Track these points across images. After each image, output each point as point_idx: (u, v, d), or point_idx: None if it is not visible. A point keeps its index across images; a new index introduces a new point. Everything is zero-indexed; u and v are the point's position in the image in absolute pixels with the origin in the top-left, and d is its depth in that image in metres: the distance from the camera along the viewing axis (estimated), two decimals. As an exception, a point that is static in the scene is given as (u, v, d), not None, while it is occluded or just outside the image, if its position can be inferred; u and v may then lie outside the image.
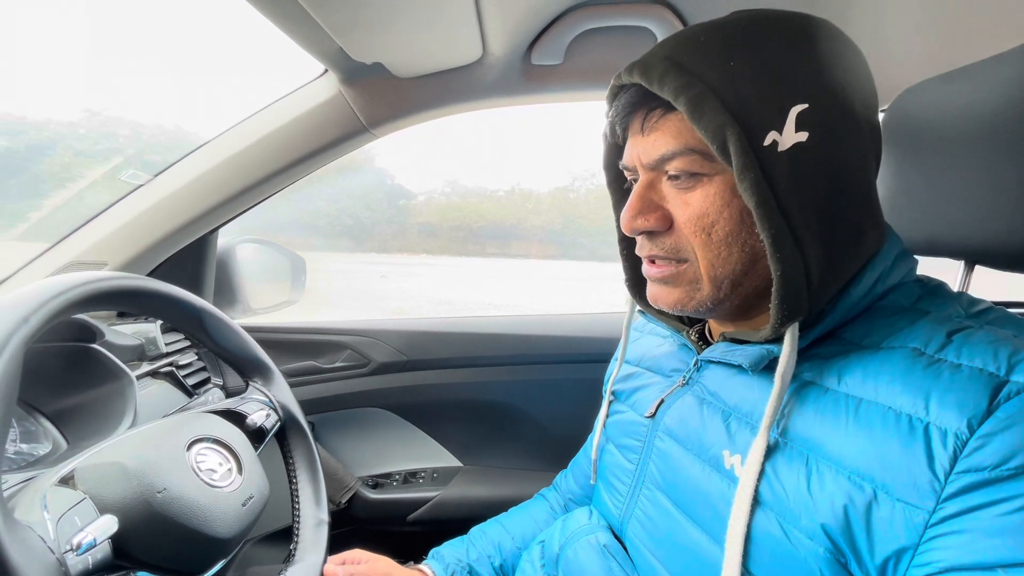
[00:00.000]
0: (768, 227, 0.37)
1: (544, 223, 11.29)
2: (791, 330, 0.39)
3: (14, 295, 0.41)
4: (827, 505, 0.35)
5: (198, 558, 0.48)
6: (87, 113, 5.55)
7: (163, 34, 25.37)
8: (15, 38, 12.42)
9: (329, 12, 0.58)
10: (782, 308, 0.38)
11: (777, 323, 0.39)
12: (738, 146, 0.36)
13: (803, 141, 0.37)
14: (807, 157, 0.37)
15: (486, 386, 1.10)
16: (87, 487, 0.42)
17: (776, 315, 0.38)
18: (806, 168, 0.37)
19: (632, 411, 0.58)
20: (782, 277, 0.37)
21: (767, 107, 0.37)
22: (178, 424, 0.53)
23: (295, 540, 0.62)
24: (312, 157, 0.83)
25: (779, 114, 0.37)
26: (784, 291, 0.38)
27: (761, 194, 0.36)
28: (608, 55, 0.76)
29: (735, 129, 0.36)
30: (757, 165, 0.36)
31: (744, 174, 0.36)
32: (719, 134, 0.37)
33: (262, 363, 0.68)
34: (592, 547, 0.53)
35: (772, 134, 0.36)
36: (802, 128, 0.37)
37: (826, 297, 0.39)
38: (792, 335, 0.39)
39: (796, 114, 0.37)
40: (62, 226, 0.86)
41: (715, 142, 0.37)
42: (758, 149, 0.36)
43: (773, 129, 0.36)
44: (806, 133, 0.37)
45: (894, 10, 0.65)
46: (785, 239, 0.37)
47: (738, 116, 0.37)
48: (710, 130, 0.37)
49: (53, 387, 0.67)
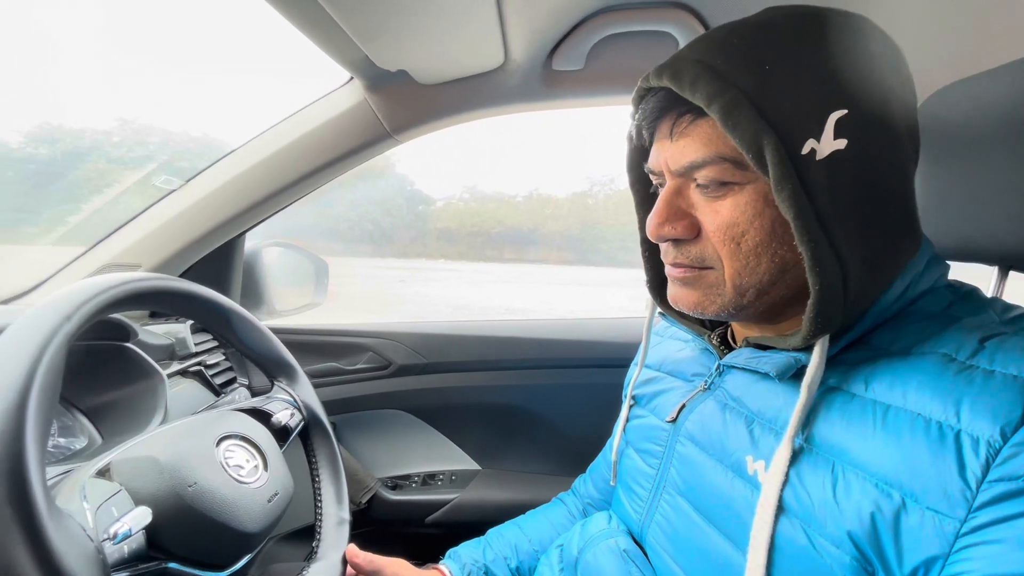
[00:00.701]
0: (808, 240, 0.35)
1: (562, 228, 11.27)
2: (822, 340, 0.38)
3: (57, 294, 0.43)
4: (853, 512, 0.34)
5: (225, 552, 0.49)
6: (120, 121, 5.76)
7: (192, 44, 26.18)
8: (53, 49, 12.96)
9: (357, 21, 0.60)
10: (817, 322, 0.37)
11: (809, 335, 0.38)
12: (775, 156, 0.35)
13: (841, 149, 0.35)
14: (846, 165, 0.35)
15: (505, 389, 1.10)
16: (123, 479, 0.44)
17: (809, 327, 0.37)
18: (845, 177, 0.36)
19: (653, 415, 0.57)
20: (821, 291, 0.36)
21: (805, 114, 0.35)
22: (208, 421, 0.55)
23: (317, 538, 0.63)
24: (337, 163, 0.85)
25: (817, 121, 0.35)
26: (821, 306, 0.36)
27: (800, 206, 0.35)
28: (629, 60, 0.76)
29: (772, 138, 0.35)
30: (795, 175, 0.35)
31: (782, 185, 0.35)
32: (755, 143, 0.35)
33: (287, 364, 0.69)
34: (612, 551, 0.53)
35: (810, 142, 0.35)
36: (841, 135, 0.35)
37: (861, 309, 0.38)
38: (822, 345, 0.38)
39: (835, 121, 0.35)
40: (98, 230, 0.90)
41: (750, 151, 0.35)
42: (795, 158, 0.35)
43: (811, 137, 0.35)
44: (845, 140, 0.35)
45: (924, 10, 0.64)
46: (826, 252, 0.35)
47: (774, 124, 0.35)
48: (745, 139, 0.35)
49: (89, 384, 0.69)
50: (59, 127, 7.32)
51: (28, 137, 5.68)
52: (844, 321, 0.38)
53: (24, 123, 5.67)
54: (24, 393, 0.36)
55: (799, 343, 0.39)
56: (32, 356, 0.37)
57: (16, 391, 0.35)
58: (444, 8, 0.59)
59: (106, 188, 1.03)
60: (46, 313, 0.40)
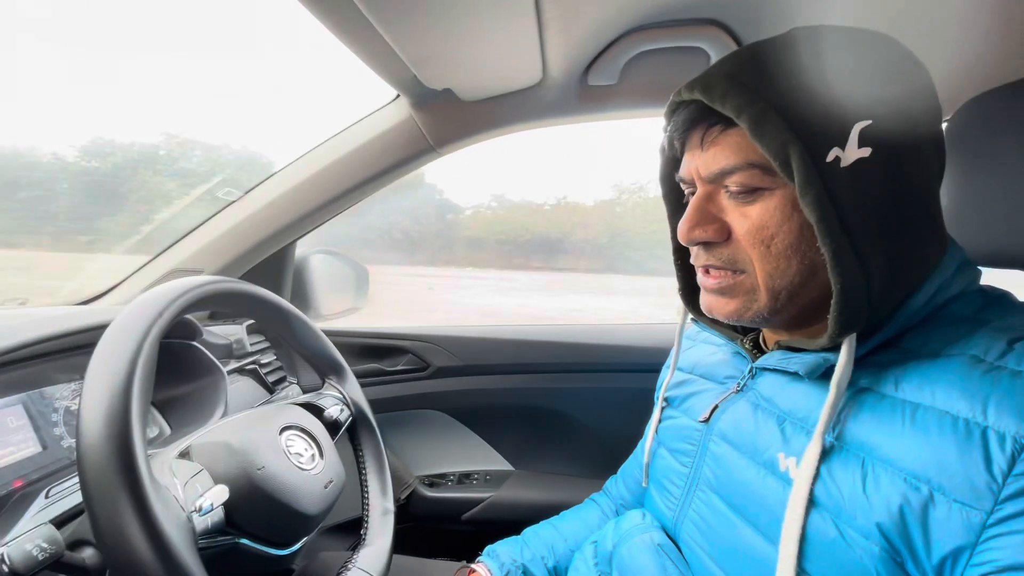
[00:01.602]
0: (829, 242, 0.37)
1: (590, 236, 11.22)
2: (848, 340, 0.40)
3: (149, 294, 0.48)
4: (883, 505, 0.36)
5: (288, 531, 0.54)
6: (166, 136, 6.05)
7: (235, 61, 27.20)
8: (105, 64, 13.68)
9: (407, 44, 0.64)
10: (840, 320, 0.39)
11: (835, 334, 0.39)
12: (800, 163, 0.37)
13: (866, 157, 0.37)
14: (870, 173, 0.37)
15: (538, 392, 1.12)
16: (203, 460, 0.49)
17: (834, 327, 0.39)
18: (868, 183, 0.37)
19: (685, 416, 0.59)
20: (842, 291, 0.38)
21: (830, 124, 0.37)
22: (270, 412, 0.60)
23: (364, 526, 0.67)
24: (383, 176, 0.90)
25: (842, 131, 0.37)
26: (843, 304, 0.38)
27: (823, 209, 0.37)
28: (662, 75, 0.78)
29: (798, 146, 0.37)
30: (820, 181, 0.37)
31: (806, 190, 0.37)
32: (782, 151, 0.37)
33: (338, 363, 0.74)
34: (646, 546, 0.55)
35: (835, 150, 0.37)
36: (865, 144, 0.37)
37: (886, 309, 0.40)
38: (849, 344, 0.40)
39: (859, 130, 0.37)
40: (163, 239, 0.97)
41: (778, 158, 0.38)
42: (820, 165, 0.37)
43: (836, 145, 0.37)
44: (869, 149, 0.37)
45: (957, 19, 0.64)
46: (846, 254, 0.37)
47: (800, 133, 0.37)
48: (773, 147, 0.37)
49: (160, 379, 0.75)
50: (111, 141, 7.67)
51: (82, 151, 5.98)
52: (870, 321, 0.39)
53: (79, 138, 6.00)
54: (128, 379, 0.41)
55: (827, 343, 0.41)
56: (135, 346, 0.42)
57: (123, 376, 0.41)
58: (488, 31, 0.63)
59: (154, 199, 1.11)
60: (143, 310, 0.46)
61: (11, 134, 5.32)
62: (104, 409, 0.39)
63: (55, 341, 0.60)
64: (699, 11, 0.68)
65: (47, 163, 4.94)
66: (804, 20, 0.67)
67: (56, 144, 5.63)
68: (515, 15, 0.61)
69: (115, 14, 16.39)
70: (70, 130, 7.13)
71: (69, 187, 5.20)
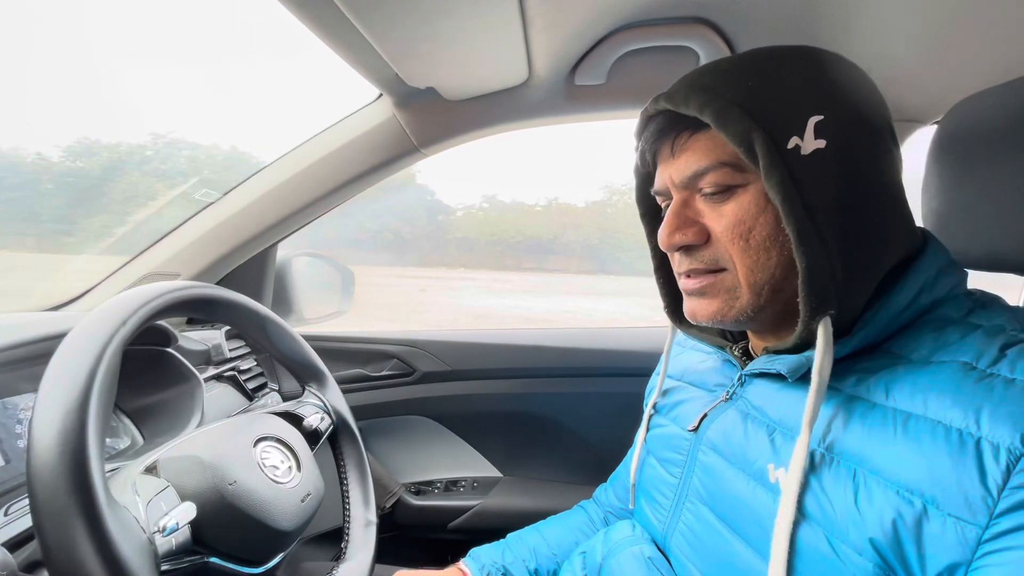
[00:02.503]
0: (793, 221, 0.39)
1: (581, 237, 11.24)
2: (823, 325, 0.39)
3: (112, 301, 0.46)
4: (876, 519, 0.35)
5: (261, 549, 0.51)
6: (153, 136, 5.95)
7: (221, 61, 27.10)
8: (91, 65, 13.57)
9: (389, 42, 0.62)
10: (810, 300, 0.39)
11: (807, 316, 0.39)
12: (763, 147, 0.39)
13: (822, 148, 0.39)
14: (827, 161, 0.39)
15: (527, 397, 1.11)
16: (169, 476, 0.47)
17: (805, 307, 0.39)
18: (827, 170, 0.39)
19: (674, 424, 0.58)
20: (807, 269, 0.39)
21: (787, 116, 0.40)
22: (245, 423, 0.57)
23: (345, 539, 0.65)
24: (366, 176, 0.88)
25: (799, 123, 0.39)
26: (810, 281, 0.39)
27: (787, 191, 0.38)
28: (651, 74, 0.77)
29: (760, 133, 0.39)
30: (782, 164, 0.39)
31: (771, 172, 0.39)
32: (746, 138, 0.39)
33: (318, 369, 0.72)
34: (637, 559, 0.54)
35: (794, 138, 0.39)
36: (820, 136, 0.39)
37: (857, 298, 0.40)
38: (825, 329, 0.39)
39: (814, 124, 0.39)
40: (140, 241, 0.94)
41: (742, 145, 0.39)
42: (783, 151, 0.39)
43: (795, 135, 0.39)
44: (824, 141, 0.39)
45: (947, 20, 0.64)
46: (809, 233, 0.38)
47: (761, 122, 0.39)
48: (737, 134, 0.39)
49: (132, 387, 0.73)
50: (96, 141, 7.59)
51: (67, 151, 5.92)
52: (844, 308, 0.40)
53: (64, 138, 5.94)
54: (86, 392, 0.38)
55: (801, 328, 0.41)
56: (93, 358, 0.40)
57: (79, 390, 0.38)
58: (472, 28, 0.62)
59: (139, 200, 1.09)
60: (104, 318, 0.43)
61: (-7, 134, 5.26)
62: (58, 426, 0.36)
63: (18, 350, 0.58)
64: (688, 9, 0.67)
65: (31, 163, 4.86)
66: (793, 18, 0.66)
67: (41, 144, 5.54)
68: (499, 12, 0.59)
69: (104, 14, 16.28)
70: (55, 130, 7.03)
71: (53, 187, 5.13)
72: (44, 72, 7.89)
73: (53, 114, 6.98)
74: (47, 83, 7.44)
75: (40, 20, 9.52)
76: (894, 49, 0.69)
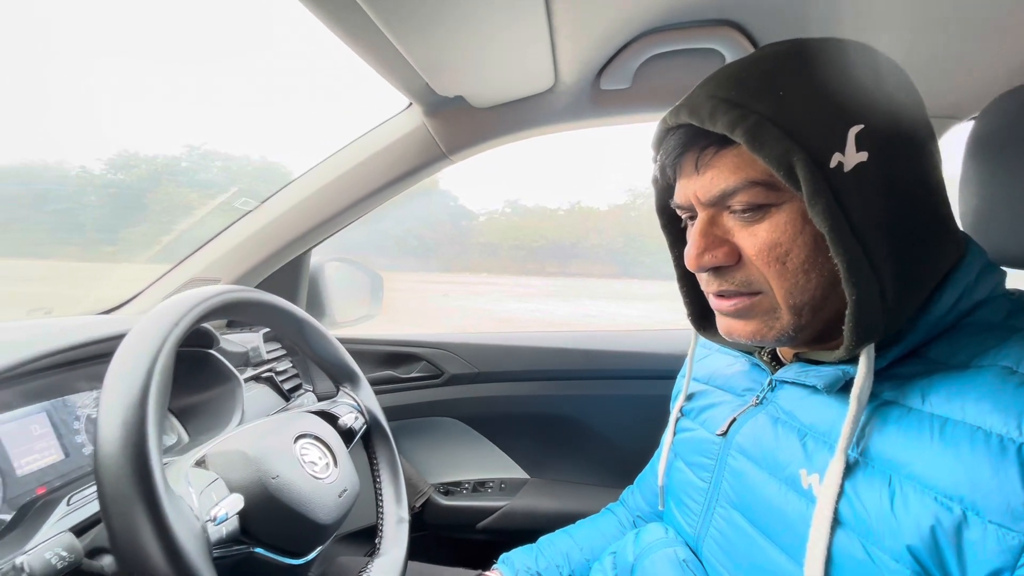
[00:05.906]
0: (843, 251, 0.36)
1: (604, 242, 11.16)
2: (867, 350, 0.38)
3: (165, 304, 0.49)
4: (913, 526, 0.34)
5: (302, 541, 0.53)
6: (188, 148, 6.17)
7: (255, 75, 27.97)
8: (131, 81, 14.18)
9: (419, 52, 0.65)
10: (856, 331, 0.37)
11: (851, 345, 0.38)
12: (806, 171, 0.35)
13: (864, 161, 0.36)
14: (871, 176, 0.36)
15: (553, 399, 1.12)
16: (218, 469, 0.49)
17: (850, 339, 0.37)
18: (872, 187, 0.36)
19: (702, 428, 0.57)
20: (857, 301, 0.36)
21: (825, 130, 0.36)
22: (285, 420, 0.60)
23: (379, 535, 0.67)
24: (396, 183, 0.90)
25: (839, 136, 0.36)
26: (859, 316, 0.37)
27: (834, 218, 0.35)
28: (676, 77, 0.77)
29: (801, 154, 0.36)
30: (828, 189, 0.35)
31: (815, 199, 0.36)
32: (784, 160, 0.36)
33: (352, 371, 0.74)
34: (671, 561, 0.53)
35: (836, 155, 0.36)
36: (862, 148, 0.36)
37: (903, 317, 0.38)
38: (868, 355, 0.38)
39: (854, 135, 0.36)
40: (184, 248, 0.99)
41: (781, 168, 0.36)
42: (826, 172, 0.36)
43: (836, 151, 0.36)
44: (866, 152, 0.36)
45: (986, 12, 0.62)
46: (861, 263, 0.36)
47: (800, 141, 0.36)
48: (774, 157, 0.36)
49: (178, 386, 0.76)
50: (135, 154, 7.90)
51: (108, 164, 6.18)
52: (888, 330, 0.38)
53: (105, 151, 6.22)
54: (145, 388, 0.41)
55: (843, 355, 0.39)
56: (150, 357, 0.43)
57: (139, 387, 0.41)
58: (500, 37, 0.63)
59: (178, 211, 1.14)
60: (159, 320, 0.46)
61: (41, 148, 5.53)
62: (121, 419, 0.39)
63: (77, 351, 0.61)
64: (713, 12, 0.67)
65: (75, 176, 5.10)
66: (821, 17, 0.65)
67: (84, 157, 5.81)
68: (526, 21, 0.60)
69: (143, 29, 16.99)
70: (97, 143, 7.37)
71: (96, 199, 5.36)
72: (84, 85, 8.32)
73: (95, 127, 7.36)
74: (91, 96, 7.85)
75: (80, 40, 9.97)
76: (928, 41, 0.67)
